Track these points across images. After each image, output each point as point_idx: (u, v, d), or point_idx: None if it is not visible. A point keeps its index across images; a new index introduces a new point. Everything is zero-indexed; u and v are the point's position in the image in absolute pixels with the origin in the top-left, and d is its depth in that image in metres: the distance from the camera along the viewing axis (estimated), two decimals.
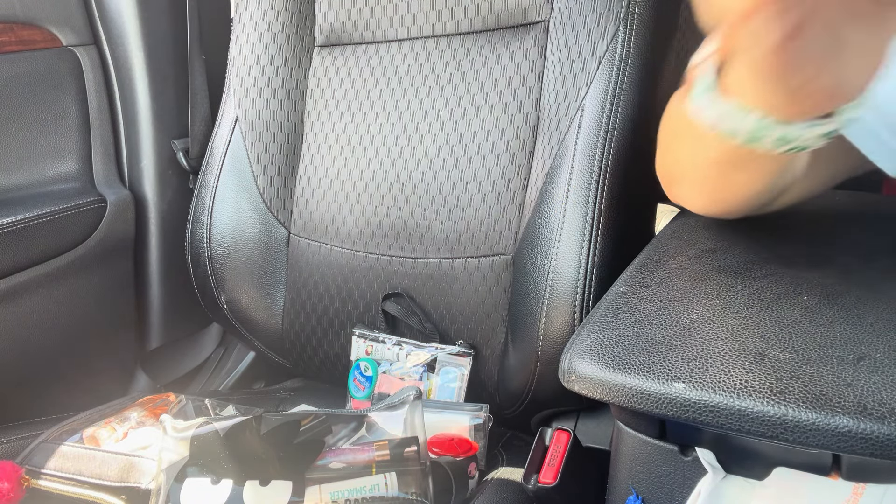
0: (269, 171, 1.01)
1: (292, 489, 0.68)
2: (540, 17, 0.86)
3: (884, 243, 0.55)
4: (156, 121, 1.08)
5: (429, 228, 0.91)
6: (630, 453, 0.50)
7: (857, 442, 0.37)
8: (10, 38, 1.00)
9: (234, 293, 1.03)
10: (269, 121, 1.01)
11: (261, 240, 1.02)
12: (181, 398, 0.91)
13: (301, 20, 1.01)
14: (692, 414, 0.41)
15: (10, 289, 0.94)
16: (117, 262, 1.07)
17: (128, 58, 1.06)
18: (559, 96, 0.83)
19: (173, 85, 1.10)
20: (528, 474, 0.70)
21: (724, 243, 0.58)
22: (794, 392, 0.38)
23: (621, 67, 0.80)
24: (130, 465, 0.76)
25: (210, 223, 1.03)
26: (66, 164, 1.05)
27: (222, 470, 0.69)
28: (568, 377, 0.45)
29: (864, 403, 0.37)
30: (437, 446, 0.77)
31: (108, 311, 1.07)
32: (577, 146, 0.80)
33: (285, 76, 1.01)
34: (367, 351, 0.94)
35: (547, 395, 0.84)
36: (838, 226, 0.60)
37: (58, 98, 1.03)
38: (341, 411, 0.78)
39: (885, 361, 0.39)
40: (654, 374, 0.42)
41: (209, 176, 1.04)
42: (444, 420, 0.80)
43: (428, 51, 0.93)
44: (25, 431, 0.89)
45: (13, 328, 0.96)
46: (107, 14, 1.06)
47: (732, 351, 0.42)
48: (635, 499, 0.50)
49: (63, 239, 0.99)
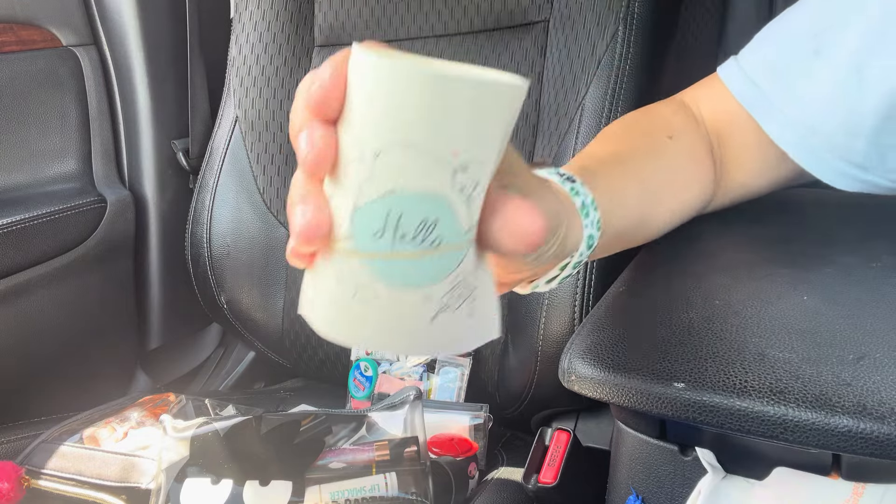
0: (269, 171, 1.01)
1: (292, 489, 0.68)
2: (540, 17, 0.86)
3: (884, 243, 0.55)
4: (156, 121, 1.08)
5: None
6: (630, 453, 0.50)
7: (857, 442, 0.37)
8: (10, 38, 1.00)
9: (234, 293, 1.03)
10: (269, 121, 1.01)
11: (261, 240, 1.02)
12: (181, 398, 0.91)
13: (301, 20, 1.01)
14: (692, 414, 0.41)
15: (10, 289, 0.94)
16: (117, 262, 1.07)
17: (128, 58, 1.06)
18: (559, 96, 0.83)
19: (173, 85, 1.10)
20: (528, 474, 0.70)
21: (723, 243, 0.58)
22: (793, 392, 0.38)
23: (621, 67, 0.80)
24: (130, 465, 0.76)
25: (210, 223, 1.03)
26: (66, 164, 1.05)
27: (222, 470, 0.69)
28: (568, 377, 0.45)
29: (864, 403, 0.37)
30: (437, 446, 0.77)
31: (108, 311, 1.07)
32: (577, 146, 0.80)
33: (285, 76, 1.01)
34: (367, 351, 0.94)
35: (547, 395, 0.84)
36: (838, 226, 0.60)
37: (58, 98, 1.03)
38: (341, 411, 0.78)
39: (885, 361, 0.39)
40: (654, 374, 0.42)
41: (209, 176, 1.04)
42: (444, 420, 0.80)
43: (428, 51, 0.93)
44: (25, 431, 0.90)
45: (13, 328, 0.96)
46: (107, 14, 1.06)
47: (732, 351, 0.42)
48: (635, 499, 0.50)
49: (63, 239, 0.99)
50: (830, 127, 0.54)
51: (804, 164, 0.56)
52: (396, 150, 0.27)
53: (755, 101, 0.57)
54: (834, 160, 0.55)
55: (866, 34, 0.52)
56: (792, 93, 0.55)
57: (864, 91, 0.52)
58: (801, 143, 0.56)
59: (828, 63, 0.54)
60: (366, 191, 0.28)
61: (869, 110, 0.52)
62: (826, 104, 0.54)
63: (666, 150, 0.55)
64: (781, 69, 0.56)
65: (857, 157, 0.54)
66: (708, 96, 0.60)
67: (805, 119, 0.55)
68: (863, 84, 0.52)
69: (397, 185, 0.27)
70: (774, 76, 0.56)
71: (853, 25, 0.53)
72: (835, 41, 0.54)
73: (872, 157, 0.54)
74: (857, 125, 0.53)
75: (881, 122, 0.52)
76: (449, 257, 0.29)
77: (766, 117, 0.56)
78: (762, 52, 0.58)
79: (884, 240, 0.56)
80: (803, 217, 0.61)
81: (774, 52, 0.58)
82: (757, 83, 0.57)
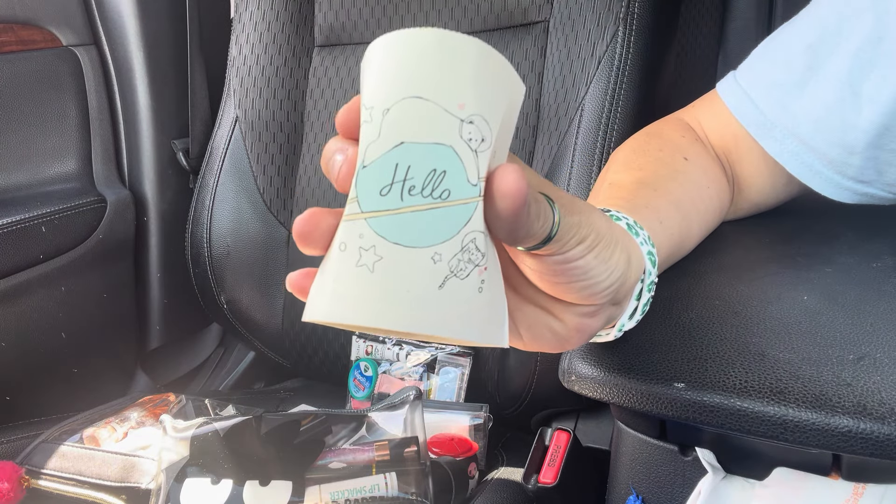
0: (269, 171, 1.01)
1: (292, 489, 0.68)
2: (540, 18, 0.86)
3: (884, 243, 0.55)
4: (156, 121, 1.08)
5: None
6: (630, 453, 0.50)
7: (857, 442, 0.37)
8: (10, 38, 1.00)
9: (234, 293, 1.03)
10: (269, 121, 1.01)
11: (261, 240, 1.02)
12: (181, 398, 0.91)
13: (301, 20, 1.01)
14: (692, 414, 0.41)
15: (10, 289, 0.94)
16: (117, 262, 1.07)
17: (128, 58, 1.06)
18: (559, 96, 0.83)
19: (173, 85, 1.10)
20: (528, 474, 0.70)
21: (723, 243, 0.58)
22: (793, 392, 0.38)
23: (621, 67, 0.80)
24: (130, 465, 0.76)
25: (210, 223, 1.03)
26: (66, 164, 1.05)
27: (222, 470, 0.69)
28: (568, 377, 0.45)
29: (864, 403, 0.37)
30: (437, 446, 0.77)
31: (108, 311, 1.07)
32: (577, 146, 0.81)
33: (285, 76, 1.01)
34: (366, 351, 0.94)
35: (547, 395, 0.84)
36: (838, 226, 0.60)
37: (58, 98, 1.03)
38: (341, 411, 0.78)
39: (885, 361, 0.39)
40: (654, 374, 0.42)
41: (209, 176, 1.04)
42: (444, 420, 0.80)
43: None
44: (25, 431, 0.90)
45: (13, 328, 0.96)
46: (107, 14, 1.06)
47: (732, 351, 0.42)
48: (635, 499, 0.50)
49: (63, 239, 0.99)
50: (824, 142, 0.54)
51: (803, 179, 0.56)
52: (406, 104, 0.29)
53: (753, 118, 0.56)
54: (832, 175, 0.55)
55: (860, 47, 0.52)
56: (785, 108, 0.55)
57: (859, 104, 0.52)
58: (797, 158, 0.55)
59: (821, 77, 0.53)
60: (373, 150, 0.29)
61: (864, 125, 0.52)
62: (819, 119, 0.53)
63: (686, 171, 0.54)
64: (776, 85, 0.56)
65: (854, 171, 0.54)
66: (710, 115, 0.60)
67: (799, 134, 0.55)
68: (857, 97, 0.52)
69: (406, 136, 0.29)
70: (769, 92, 0.56)
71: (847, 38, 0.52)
72: (828, 54, 0.53)
73: (870, 172, 0.53)
74: (853, 140, 0.52)
75: (876, 137, 0.51)
76: (458, 212, 0.29)
77: (764, 134, 0.56)
78: (757, 67, 0.58)
79: (884, 239, 0.56)
80: (803, 217, 0.61)
81: (769, 68, 0.57)
82: (753, 100, 0.56)
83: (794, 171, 0.56)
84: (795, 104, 0.55)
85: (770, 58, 0.58)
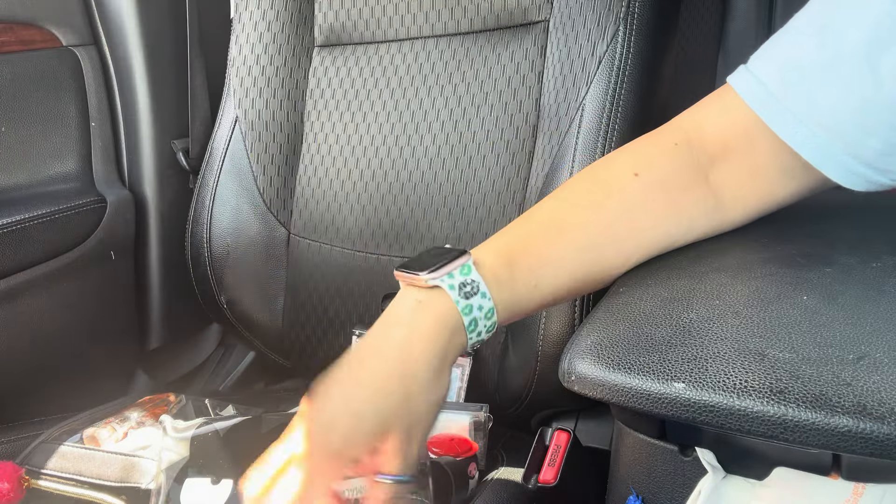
0: (269, 171, 1.01)
1: None
2: (540, 17, 0.86)
3: (884, 243, 0.55)
4: (156, 121, 1.08)
5: (429, 228, 0.91)
6: (630, 453, 0.50)
7: (857, 442, 0.37)
8: (10, 38, 1.00)
9: (234, 293, 1.03)
10: (269, 121, 1.01)
11: (261, 240, 1.02)
12: (181, 398, 0.91)
13: (301, 20, 1.01)
14: (692, 414, 0.41)
15: (11, 289, 0.94)
16: (117, 262, 1.07)
17: (128, 58, 1.06)
18: (559, 96, 0.83)
19: (173, 85, 1.10)
20: (528, 474, 0.70)
21: (723, 244, 0.58)
22: (793, 392, 0.38)
23: (621, 67, 0.80)
24: (130, 465, 0.76)
25: (210, 223, 1.03)
26: (66, 164, 1.05)
27: (222, 470, 0.69)
28: (568, 377, 0.45)
29: (864, 403, 0.37)
30: (437, 446, 0.77)
31: (108, 310, 1.07)
32: (577, 146, 0.81)
33: (285, 76, 1.01)
34: None
35: (547, 395, 0.84)
36: (838, 226, 0.60)
37: (58, 98, 1.03)
38: None
39: (885, 361, 0.39)
40: (654, 374, 0.42)
41: (209, 176, 1.04)
42: (444, 420, 0.80)
43: (428, 51, 0.93)
44: (25, 431, 0.90)
45: (13, 328, 0.96)
46: (107, 14, 1.06)
47: (732, 351, 0.42)
48: (635, 499, 0.50)
49: (63, 239, 0.99)
50: (842, 122, 0.53)
51: (816, 164, 0.54)
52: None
53: (764, 102, 0.56)
54: (847, 158, 0.54)
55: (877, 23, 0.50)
56: (799, 89, 0.54)
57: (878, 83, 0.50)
58: (811, 140, 0.54)
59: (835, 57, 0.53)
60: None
61: (884, 103, 0.50)
62: (836, 99, 0.52)
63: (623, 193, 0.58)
64: (789, 68, 0.55)
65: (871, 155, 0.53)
66: (715, 111, 0.59)
67: (814, 116, 0.54)
68: (876, 75, 0.50)
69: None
70: (782, 75, 0.55)
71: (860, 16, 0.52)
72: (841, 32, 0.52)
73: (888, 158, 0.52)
74: (873, 120, 0.51)
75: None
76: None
77: (775, 118, 0.55)
78: (769, 54, 0.58)
79: (884, 239, 0.56)
80: (803, 217, 0.61)
81: (781, 53, 0.57)
82: (765, 84, 0.56)
83: (806, 156, 0.54)
84: (809, 85, 0.54)
85: (781, 43, 0.57)
